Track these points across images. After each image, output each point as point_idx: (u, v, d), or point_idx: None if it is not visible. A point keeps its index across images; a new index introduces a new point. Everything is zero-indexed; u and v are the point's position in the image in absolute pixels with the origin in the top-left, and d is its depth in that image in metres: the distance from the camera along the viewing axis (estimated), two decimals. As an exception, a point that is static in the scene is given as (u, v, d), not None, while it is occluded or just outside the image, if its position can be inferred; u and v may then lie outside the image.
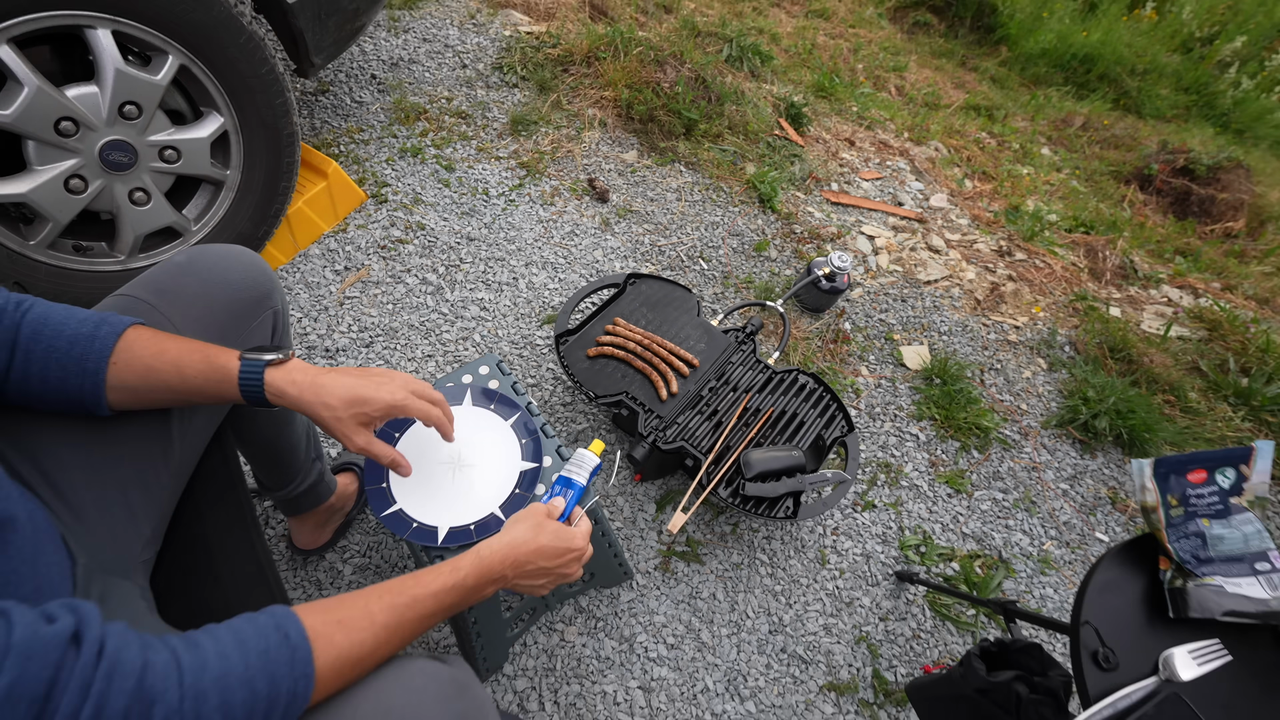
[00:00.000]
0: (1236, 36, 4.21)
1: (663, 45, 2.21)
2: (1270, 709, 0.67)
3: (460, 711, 0.55)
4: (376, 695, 0.53)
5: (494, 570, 0.65)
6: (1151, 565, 0.73)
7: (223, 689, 0.45)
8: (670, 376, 1.24)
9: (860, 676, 1.17)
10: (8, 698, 0.37)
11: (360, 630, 0.53)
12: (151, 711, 0.42)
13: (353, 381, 0.71)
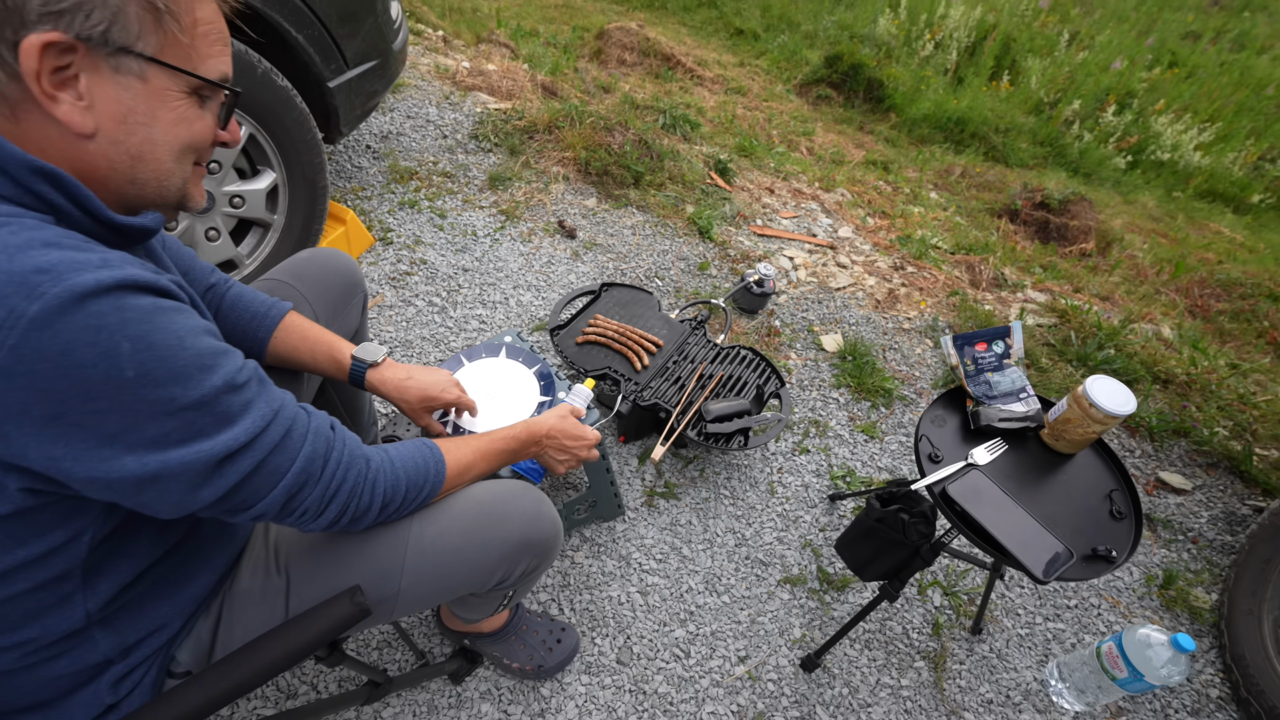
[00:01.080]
0: (1074, 100, 5.12)
1: (610, 116, 2.69)
2: (1029, 474, 1.05)
3: (538, 498, 0.86)
4: (487, 485, 0.84)
5: (536, 434, 0.94)
6: (961, 404, 1.12)
7: (407, 473, 0.75)
8: (642, 354, 1.60)
9: (808, 571, 1.49)
10: (309, 460, 0.64)
11: (466, 451, 0.83)
12: (376, 484, 0.71)
13: (424, 382, 1.01)
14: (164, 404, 0.51)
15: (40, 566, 0.57)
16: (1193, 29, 7.16)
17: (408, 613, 0.83)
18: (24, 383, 0.46)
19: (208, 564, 0.74)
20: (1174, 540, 1.71)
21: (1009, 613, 1.49)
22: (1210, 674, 1.45)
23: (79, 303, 0.46)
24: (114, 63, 0.53)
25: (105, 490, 0.53)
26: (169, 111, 0.58)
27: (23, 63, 0.49)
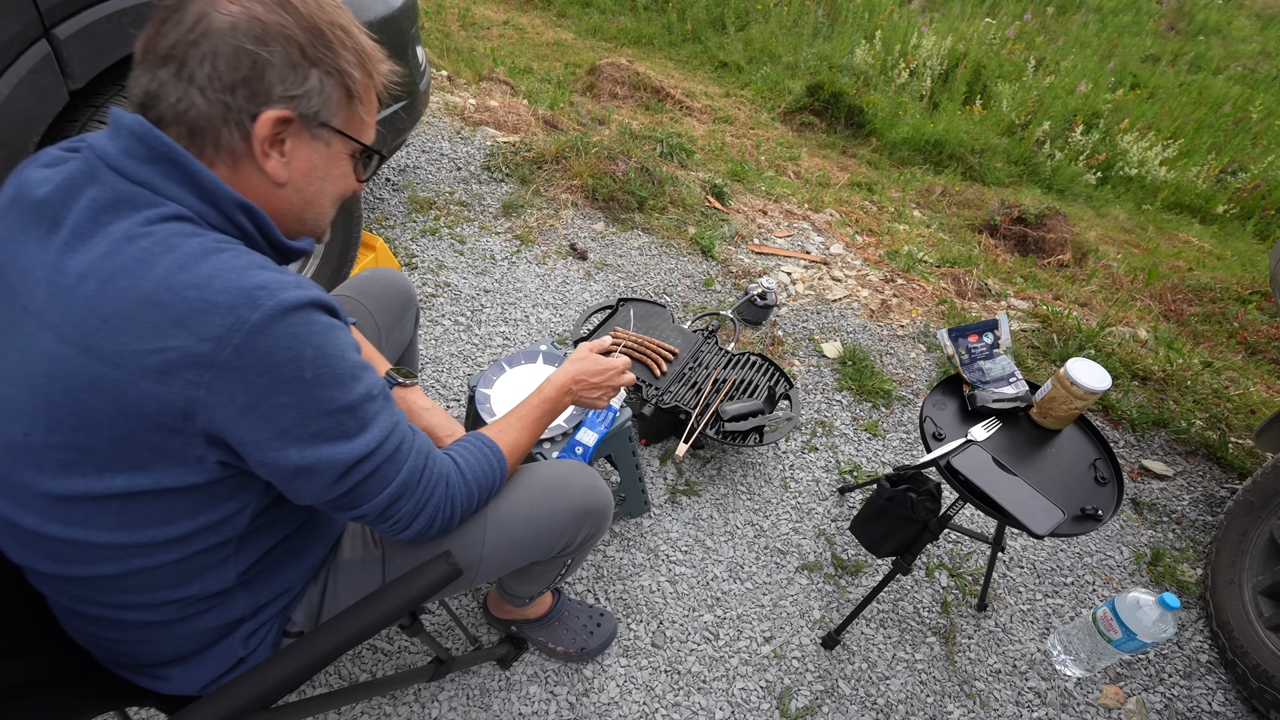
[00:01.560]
0: (1044, 121, 5.40)
1: (613, 145, 2.86)
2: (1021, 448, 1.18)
3: (592, 473, 0.98)
4: (550, 464, 0.96)
5: (563, 385, 0.99)
6: (958, 390, 1.25)
7: (477, 480, 0.84)
8: (660, 362, 1.72)
9: (823, 558, 1.60)
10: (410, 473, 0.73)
11: (513, 434, 0.92)
12: (454, 500, 0.80)
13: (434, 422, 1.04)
14: (326, 404, 0.62)
15: (213, 532, 0.67)
16: (1151, 53, 7.56)
17: (487, 579, 0.93)
18: (237, 376, 0.57)
19: (322, 538, 0.84)
20: (1159, 522, 1.83)
21: (1011, 590, 1.60)
22: (1199, 641, 1.56)
23: (284, 315, 0.58)
24: (313, 131, 0.66)
25: (268, 474, 0.64)
26: (337, 169, 0.71)
27: (257, 129, 0.62)
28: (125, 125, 0.60)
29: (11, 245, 0.61)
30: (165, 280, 0.56)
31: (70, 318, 0.56)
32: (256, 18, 0.60)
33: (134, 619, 0.70)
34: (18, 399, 0.59)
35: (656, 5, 6.77)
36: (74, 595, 0.68)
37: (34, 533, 0.63)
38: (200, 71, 0.59)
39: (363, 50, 0.67)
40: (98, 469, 0.60)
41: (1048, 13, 8.18)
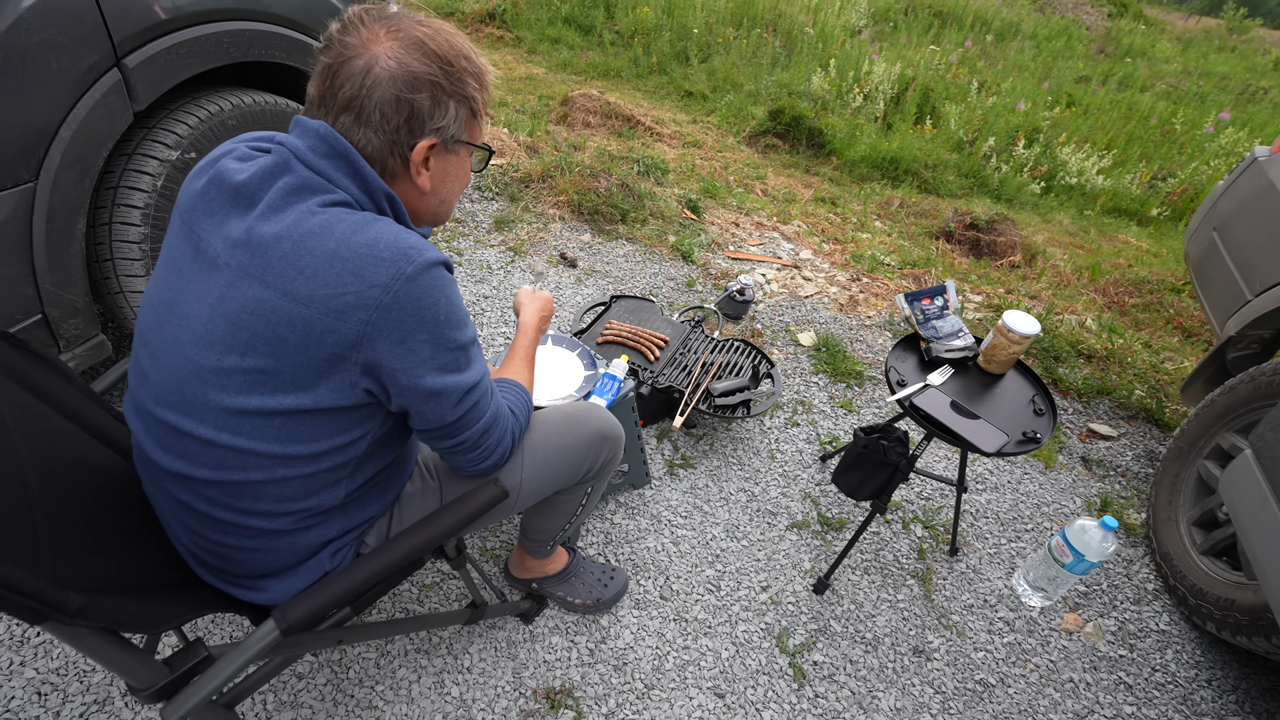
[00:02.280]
0: (989, 138, 5.79)
1: (594, 165, 3.06)
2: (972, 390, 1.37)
3: (604, 409, 1.13)
4: (571, 404, 1.11)
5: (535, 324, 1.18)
6: (916, 346, 1.44)
7: (521, 414, 1.01)
8: (653, 348, 1.89)
9: (810, 517, 1.76)
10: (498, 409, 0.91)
11: (524, 370, 1.10)
12: (515, 430, 0.97)
13: None
14: (450, 342, 0.79)
15: (340, 452, 0.82)
16: (1084, 74, 8.15)
17: (526, 503, 1.07)
18: (394, 315, 0.73)
19: (403, 474, 0.99)
20: (1106, 475, 2.04)
21: (979, 538, 1.78)
22: (1146, 573, 1.75)
23: (428, 269, 0.75)
24: (449, 147, 0.83)
25: (407, 396, 0.79)
26: (463, 169, 0.89)
27: (414, 156, 0.80)
28: (312, 128, 0.76)
29: (210, 219, 0.77)
30: (344, 240, 0.73)
31: (272, 271, 0.72)
32: (410, 70, 0.76)
33: (258, 526, 0.83)
34: (214, 332, 0.74)
35: (622, 41, 7.11)
36: (214, 500, 0.81)
37: (205, 441, 0.77)
38: (374, 118, 0.77)
39: (480, 72, 0.84)
40: (274, 389, 0.75)
41: (987, 40, 8.77)
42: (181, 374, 0.76)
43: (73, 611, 0.61)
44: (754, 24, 7.70)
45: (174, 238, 0.81)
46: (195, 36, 1.31)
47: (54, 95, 1.13)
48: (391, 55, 0.76)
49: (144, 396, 0.81)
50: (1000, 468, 1.99)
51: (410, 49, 0.77)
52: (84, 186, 1.22)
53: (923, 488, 1.89)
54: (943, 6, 9.58)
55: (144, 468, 0.87)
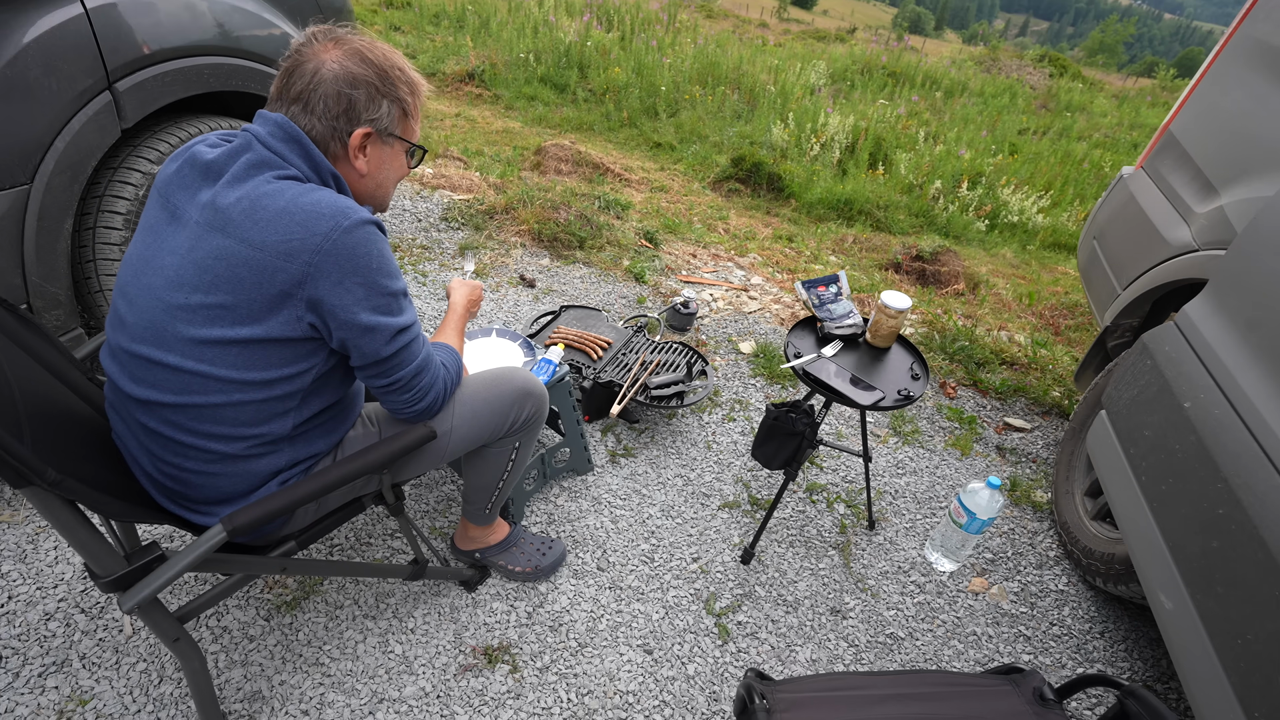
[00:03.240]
0: (936, 181, 6.20)
1: (556, 199, 3.30)
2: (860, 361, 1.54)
3: (527, 371, 1.29)
4: (498, 366, 1.27)
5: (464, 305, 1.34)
6: (813, 326, 1.62)
7: (453, 370, 1.17)
8: (596, 349, 2.06)
9: (740, 498, 1.90)
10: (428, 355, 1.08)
11: (454, 338, 1.26)
12: (448, 380, 1.14)
13: None
14: (382, 288, 0.96)
15: (287, 382, 0.96)
16: (1026, 127, 8.74)
17: (455, 452, 1.21)
18: (332, 259, 0.90)
19: (346, 418, 1.13)
20: (1019, 461, 2.20)
21: (897, 514, 1.92)
22: (1048, 543, 1.90)
23: (362, 225, 0.92)
24: (384, 139, 1.02)
25: (345, 330, 0.94)
26: (397, 161, 1.07)
27: (351, 141, 0.99)
28: (271, 118, 0.95)
29: (184, 191, 0.94)
30: (293, 200, 0.90)
31: (233, 224, 0.89)
32: (349, 70, 0.96)
33: (215, 449, 0.97)
34: (184, 275, 0.90)
35: (595, 98, 7.56)
36: (178, 424, 0.95)
37: (173, 368, 0.92)
38: (318, 108, 0.96)
39: (412, 81, 1.04)
40: (233, 322, 0.90)
41: (937, 96, 9.41)
42: (154, 312, 0.92)
43: (50, 481, 0.74)
44: (718, 82, 8.23)
45: (151, 209, 0.98)
46: (179, 68, 1.52)
47: (52, 110, 1.31)
48: (335, 60, 0.96)
49: (120, 339, 0.96)
50: (919, 456, 2.15)
51: (351, 56, 0.97)
52: (73, 191, 1.40)
53: (846, 471, 2.04)
54: (896, 68, 10.30)
55: (116, 404, 1.01)
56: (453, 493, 1.80)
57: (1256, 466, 1.02)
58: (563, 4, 10.41)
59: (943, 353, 2.76)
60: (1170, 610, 1.17)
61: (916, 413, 2.36)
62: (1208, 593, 1.09)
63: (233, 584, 1.12)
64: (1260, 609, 0.97)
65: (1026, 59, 13.30)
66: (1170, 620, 1.17)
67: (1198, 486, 1.14)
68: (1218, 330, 1.21)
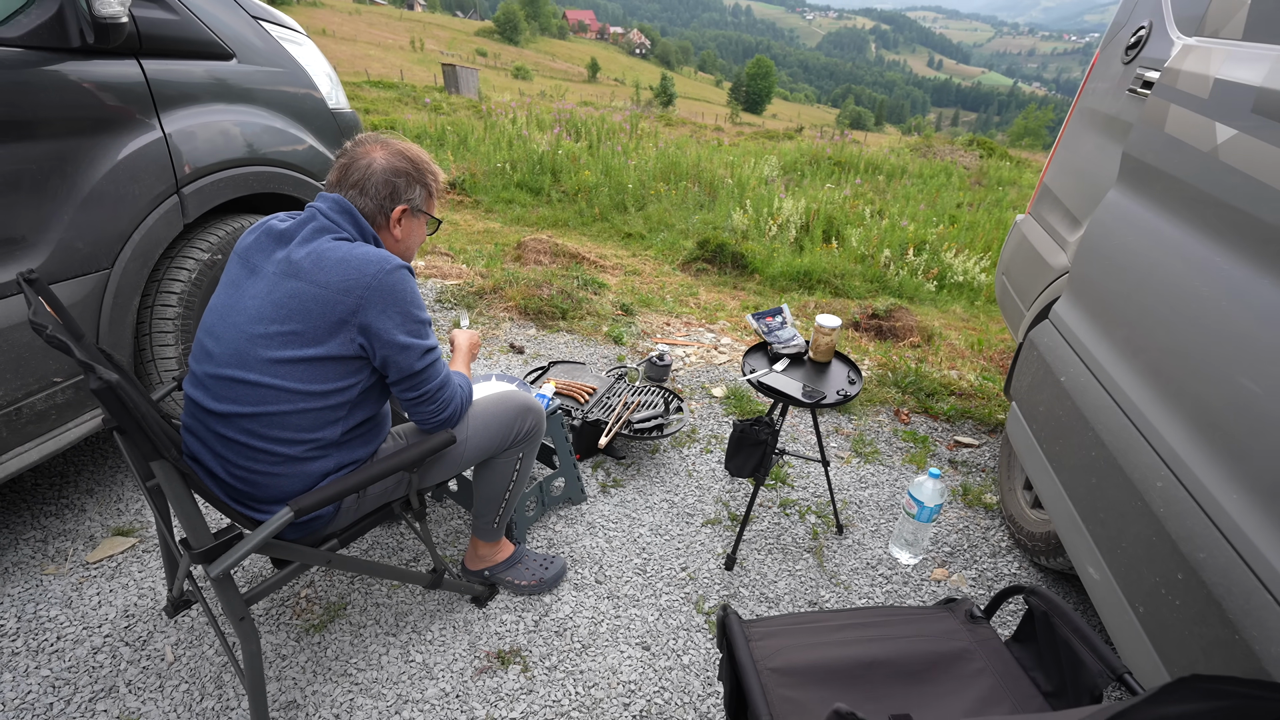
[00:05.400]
0: (885, 250, 6.77)
1: (539, 278, 3.66)
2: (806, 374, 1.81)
3: (525, 392, 1.54)
4: (502, 387, 1.52)
5: (469, 348, 1.62)
6: (764, 350, 1.91)
7: (467, 391, 1.43)
8: (583, 394, 2.32)
9: (721, 515, 2.10)
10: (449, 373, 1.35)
11: (462, 369, 1.53)
12: (464, 398, 1.40)
13: None
14: (414, 316, 1.23)
15: (340, 393, 1.21)
16: (962, 200, 9.60)
17: (472, 458, 1.43)
18: (379, 294, 1.17)
19: (381, 431, 1.36)
20: (970, 472, 2.45)
21: (863, 520, 2.13)
22: (1000, 536, 2.11)
23: (398, 269, 1.20)
24: (414, 214, 1.33)
25: (387, 348, 1.20)
26: (422, 230, 1.38)
27: (393, 216, 1.29)
28: (330, 198, 1.26)
29: (261, 253, 1.22)
30: (349, 252, 1.18)
31: (304, 271, 1.16)
32: (394, 165, 1.29)
33: (281, 452, 1.19)
34: (264, 311, 1.16)
35: (568, 198, 8.23)
36: (252, 431, 1.17)
37: (253, 384, 1.16)
38: (370, 191, 1.27)
39: (435, 172, 1.37)
40: (302, 344, 1.16)
41: (879, 180, 10.34)
42: (239, 342, 1.18)
43: (175, 457, 0.97)
44: (680, 178, 9.01)
45: (232, 269, 1.26)
46: (231, 176, 1.86)
47: (134, 211, 1.62)
48: (383, 157, 1.29)
49: (206, 367, 1.21)
50: (879, 471, 2.39)
51: (394, 155, 1.30)
52: (142, 274, 1.68)
53: (816, 488, 2.26)
54: (841, 158, 11.35)
55: (194, 425, 1.24)
56: (461, 526, 1.99)
57: (1108, 410, 1.29)
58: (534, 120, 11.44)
59: (896, 387, 3.06)
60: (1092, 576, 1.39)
61: (875, 437, 2.62)
62: (1095, 520, 1.32)
63: (288, 574, 1.30)
64: (1127, 521, 1.21)
65: (958, 144, 14.67)
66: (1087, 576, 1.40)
67: (1077, 439, 1.40)
68: (1076, 319, 1.52)
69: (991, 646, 1.15)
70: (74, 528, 1.86)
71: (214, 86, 1.87)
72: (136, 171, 1.61)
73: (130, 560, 1.77)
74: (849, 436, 2.61)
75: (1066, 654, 1.06)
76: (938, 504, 1.83)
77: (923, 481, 1.85)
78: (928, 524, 1.87)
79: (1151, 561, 1.13)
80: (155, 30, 1.67)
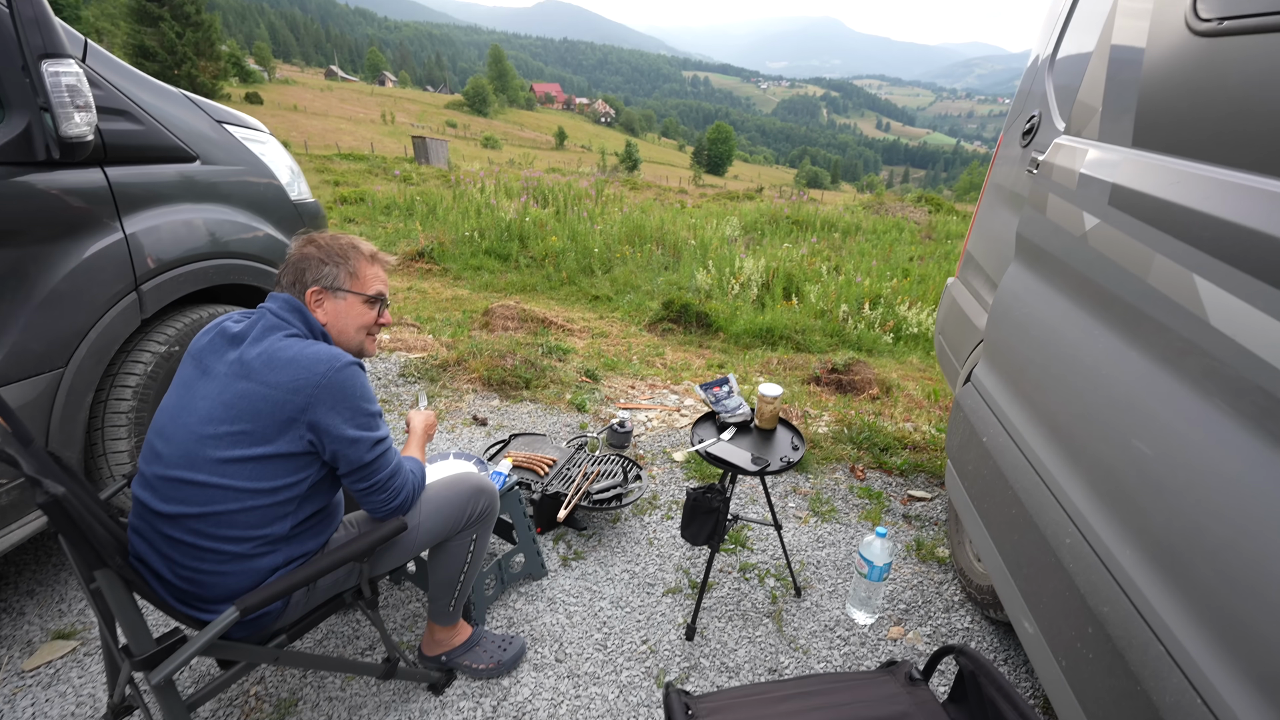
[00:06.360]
0: (842, 305, 7.03)
1: (503, 348, 3.73)
2: (751, 441, 1.88)
3: (479, 472, 1.58)
4: (455, 470, 1.56)
5: (424, 430, 1.65)
6: (713, 418, 1.98)
7: (419, 477, 1.47)
8: (542, 467, 2.35)
9: (682, 583, 2.12)
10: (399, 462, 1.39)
11: (415, 453, 1.56)
12: (416, 484, 1.44)
13: None
14: (363, 410, 1.27)
15: (289, 489, 1.23)
16: (914, 254, 10.06)
17: (425, 542, 1.45)
18: (327, 392, 1.22)
19: (332, 522, 1.38)
20: (923, 526, 2.52)
21: (820, 580, 2.17)
22: (953, 590, 2.17)
23: (348, 366, 1.25)
24: (334, 293, 1.38)
25: (336, 443, 1.24)
26: (352, 309, 1.40)
27: (307, 296, 1.35)
28: (280, 297, 1.32)
29: (214, 354, 1.26)
30: (299, 351, 1.23)
31: (255, 371, 1.21)
32: (300, 252, 1.36)
33: (228, 550, 1.20)
34: (214, 412, 1.20)
35: (535, 262, 8.41)
36: (199, 531, 1.19)
37: (201, 484, 1.18)
38: (284, 280, 1.34)
39: (352, 245, 1.41)
40: (251, 444, 1.19)
41: (835, 237, 10.80)
42: (188, 443, 1.21)
43: (118, 566, 0.99)
44: (645, 241, 9.30)
45: (185, 369, 1.31)
46: (191, 270, 1.92)
47: (91, 310, 1.66)
48: (295, 249, 1.37)
49: (155, 469, 1.23)
50: (836, 530, 2.44)
51: (304, 243, 1.38)
52: (97, 371, 1.70)
53: (774, 550, 2.30)
54: (799, 216, 11.86)
55: (141, 526, 1.25)
56: (419, 609, 1.97)
57: (1023, 469, 1.39)
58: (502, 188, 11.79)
59: (852, 443, 3.15)
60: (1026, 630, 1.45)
61: (832, 495, 2.68)
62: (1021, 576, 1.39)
63: (235, 674, 1.29)
64: (1046, 576, 1.28)
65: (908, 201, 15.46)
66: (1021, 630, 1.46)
67: (1000, 497, 1.49)
68: (992, 382, 1.64)
69: (929, 709, 1.19)
70: (10, 633, 1.80)
71: (177, 187, 1.95)
72: (95, 272, 1.66)
73: (70, 666, 1.71)
74: (806, 495, 2.68)
75: (993, 712, 1.11)
76: (887, 562, 1.88)
77: (871, 541, 1.91)
78: (880, 582, 1.92)
79: (1068, 616, 1.19)
80: (120, 140, 1.76)
